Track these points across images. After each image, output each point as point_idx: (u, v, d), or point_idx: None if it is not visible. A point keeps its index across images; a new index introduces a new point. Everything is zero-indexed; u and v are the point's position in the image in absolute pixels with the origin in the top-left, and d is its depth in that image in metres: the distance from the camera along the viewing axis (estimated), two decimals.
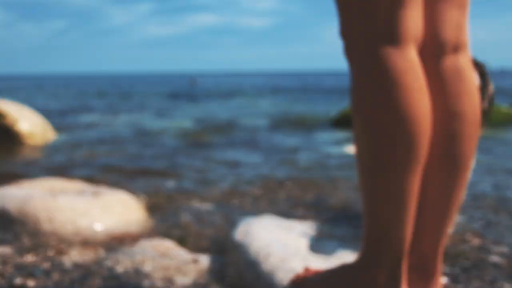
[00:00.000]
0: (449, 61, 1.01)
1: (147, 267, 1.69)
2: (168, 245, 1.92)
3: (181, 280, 1.61)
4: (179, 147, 4.87)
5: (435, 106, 1.01)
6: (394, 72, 0.89)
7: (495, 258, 1.80)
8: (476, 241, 2.00)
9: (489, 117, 1.85)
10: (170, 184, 3.11)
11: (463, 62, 1.02)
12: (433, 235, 1.07)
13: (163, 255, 1.81)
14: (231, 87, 25.68)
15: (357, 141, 0.97)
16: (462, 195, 1.07)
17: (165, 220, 2.35)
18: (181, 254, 1.84)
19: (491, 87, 1.84)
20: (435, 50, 1.01)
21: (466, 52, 1.04)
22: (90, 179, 3.09)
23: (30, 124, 5.41)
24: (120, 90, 21.26)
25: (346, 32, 0.95)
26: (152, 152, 4.50)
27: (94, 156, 4.26)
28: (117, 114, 9.42)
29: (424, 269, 1.10)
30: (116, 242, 2.01)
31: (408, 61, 0.91)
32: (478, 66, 1.80)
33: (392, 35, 0.90)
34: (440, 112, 1.01)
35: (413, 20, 0.92)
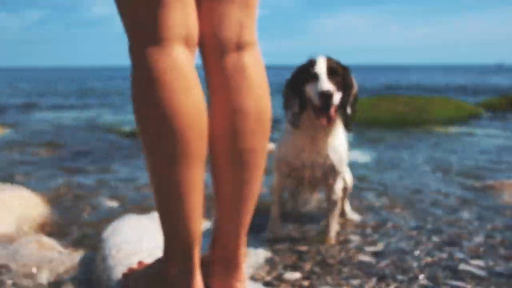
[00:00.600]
0: (231, 59, 1.04)
1: (17, 263, 1.70)
2: (48, 242, 1.92)
3: (45, 275, 1.63)
4: (115, 143, 4.87)
5: (218, 102, 1.04)
6: (156, 71, 0.92)
7: (364, 258, 1.86)
8: (355, 240, 2.06)
9: (355, 116, 1.92)
10: (87, 181, 3.12)
11: (247, 59, 1.04)
12: (232, 228, 1.11)
13: (40, 250, 1.82)
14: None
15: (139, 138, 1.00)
16: (256, 188, 1.10)
17: (61, 217, 2.36)
18: (59, 250, 1.85)
19: (355, 90, 1.90)
20: (215, 48, 1.03)
21: (252, 51, 1.06)
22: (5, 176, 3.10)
23: None
24: (88, 86, 21.01)
25: (126, 34, 0.99)
26: (87, 148, 4.52)
27: (23, 152, 4.24)
28: (73, 109, 9.33)
29: (226, 261, 1.13)
30: (3, 237, 2.01)
31: (171, 60, 0.93)
32: (342, 69, 1.86)
33: (154, 36, 0.93)
34: (223, 108, 1.03)
35: (177, 20, 0.94)
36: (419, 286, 1.58)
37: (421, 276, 1.66)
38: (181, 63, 0.94)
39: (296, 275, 1.67)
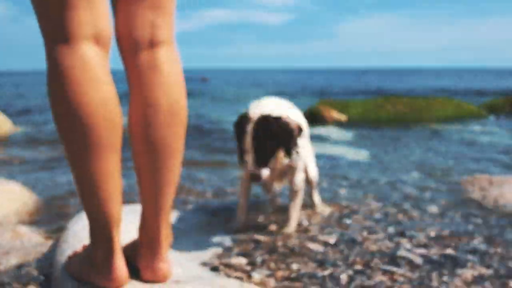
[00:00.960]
0: (144, 57, 1.13)
1: None
2: (24, 231, 2.09)
3: (13, 261, 1.78)
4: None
5: (134, 96, 1.15)
6: (64, 66, 1.03)
7: (314, 246, 1.97)
8: (313, 230, 2.16)
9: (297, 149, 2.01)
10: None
11: (160, 57, 1.14)
12: (151, 211, 1.22)
13: (13, 239, 1.99)
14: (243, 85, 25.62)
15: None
16: (171, 176, 1.21)
17: (48, 209, 2.54)
18: (32, 238, 2.02)
19: (295, 131, 1.96)
20: (130, 47, 1.14)
21: (166, 48, 1.16)
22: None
23: None
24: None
25: (41, 33, 1.12)
26: None
27: (29, 149, 4.48)
28: None
29: (150, 243, 1.25)
30: None
31: (78, 57, 1.04)
32: (273, 129, 1.92)
33: (62, 34, 1.03)
34: (138, 102, 1.14)
35: (84, 19, 1.04)
36: (354, 270, 1.68)
37: (359, 261, 1.75)
38: (89, 60, 1.05)
39: (243, 260, 1.79)
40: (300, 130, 1.97)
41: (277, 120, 1.90)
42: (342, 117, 6.71)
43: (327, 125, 6.49)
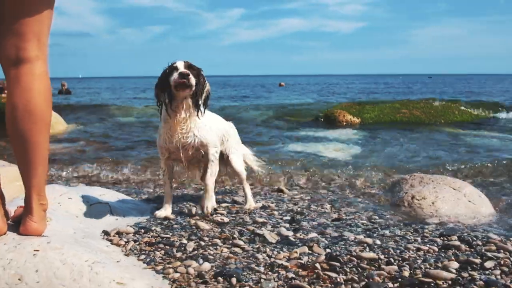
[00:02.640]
0: (12, 71, 1.57)
1: None
2: None
3: None
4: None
5: (7, 100, 1.60)
6: None
7: (219, 218, 2.33)
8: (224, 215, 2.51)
9: (206, 106, 2.39)
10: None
11: (22, 71, 1.56)
12: (27, 187, 1.62)
13: None
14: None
15: None
16: (34, 157, 1.59)
17: None
18: None
19: (207, 87, 2.36)
20: (3, 63, 1.59)
21: (29, 65, 1.57)
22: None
23: None
24: None
25: None
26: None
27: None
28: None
29: (27, 209, 1.65)
30: None
31: None
32: (195, 69, 2.33)
33: None
34: (7, 103, 1.59)
35: None
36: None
37: (237, 236, 2.09)
38: None
39: (131, 230, 2.15)
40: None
41: (200, 69, 2.38)
42: (356, 120, 6.90)
43: (338, 128, 6.71)
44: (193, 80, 2.27)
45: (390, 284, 1.56)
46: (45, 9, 1.61)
